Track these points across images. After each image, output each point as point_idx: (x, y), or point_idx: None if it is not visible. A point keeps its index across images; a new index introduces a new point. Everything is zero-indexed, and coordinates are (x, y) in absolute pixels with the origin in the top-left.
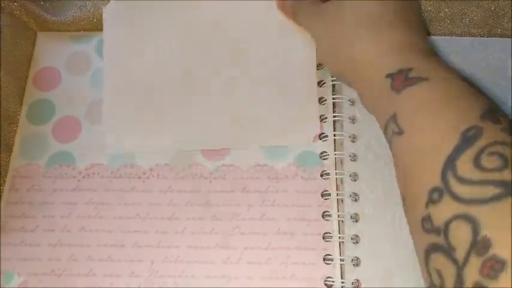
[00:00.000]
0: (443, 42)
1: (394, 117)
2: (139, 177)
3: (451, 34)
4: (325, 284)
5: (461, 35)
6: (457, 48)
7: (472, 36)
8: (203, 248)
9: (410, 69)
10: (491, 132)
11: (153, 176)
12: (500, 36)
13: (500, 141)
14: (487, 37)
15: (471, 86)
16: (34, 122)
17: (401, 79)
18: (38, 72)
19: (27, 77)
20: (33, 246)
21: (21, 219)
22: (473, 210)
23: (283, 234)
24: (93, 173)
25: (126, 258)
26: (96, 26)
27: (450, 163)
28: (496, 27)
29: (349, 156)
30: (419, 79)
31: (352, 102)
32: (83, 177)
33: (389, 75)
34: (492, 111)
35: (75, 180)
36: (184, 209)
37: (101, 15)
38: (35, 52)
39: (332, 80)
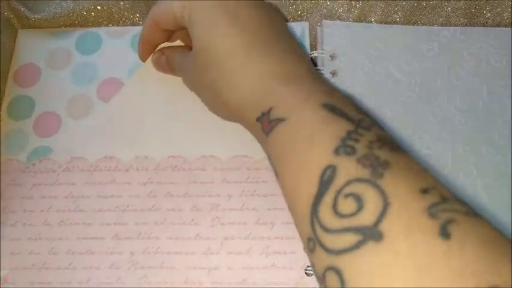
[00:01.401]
0: (425, 32)
1: (270, 159)
2: (119, 170)
3: (432, 24)
4: (306, 273)
5: (443, 25)
6: (438, 38)
7: (453, 25)
8: (183, 239)
9: (270, 110)
10: (346, 169)
11: (132, 168)
12: (482, 25)
13: (355, 178)
14: (468, 26)
15: (334, 111)
16: (15, 118)
17: (266, 122)
18: (18, 68)
19: (7, 73)
20: (14, 240)
21: (2, 214)
22: (339, 261)
23: (263, 224)
24: (73, 167)
25: (106, 251)
26: (75, 22)
27: (314, 212)
28: (477, 17)
29: None
30: (278, 121)
31: (334, 74)
32: (63, 171)
33: (258, 119)
34: (349, 137)
35: (55, 174)
36: (164, 200)
37: (80, 12)
38: (15, 49)
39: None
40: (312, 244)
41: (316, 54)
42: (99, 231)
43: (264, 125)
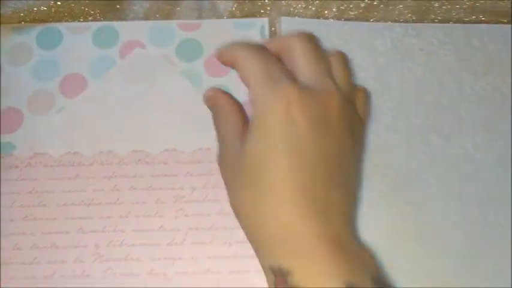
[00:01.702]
0: (377, 28)
1: None
2: (83, 165)
3: (386, 20)
4: None
5: (395, 21)
6: (391, 34)
7: (405, 22)
8: (148, 231)
9: (288, 273)
10: None
11: (96, 163)
12: (433, 21)
13: None
14: (419, 23)
15: None
16: None
17: (281, 282)
18: None
19: None
20: None
21: None
22: None
23: (226, 214)
24: (36, 163)
25: (71, 245)
26: (35, 17)
27: None
28: (427, 14)
29: None
30: None
31: None
32: (25, 166)
33: (272, 270)
34: None
35: (18, 170)
36: (128, 193)
37: (41, 7)
38: None
39: None
40: None
41: None
42: (64, 226)
43: (278, 282)
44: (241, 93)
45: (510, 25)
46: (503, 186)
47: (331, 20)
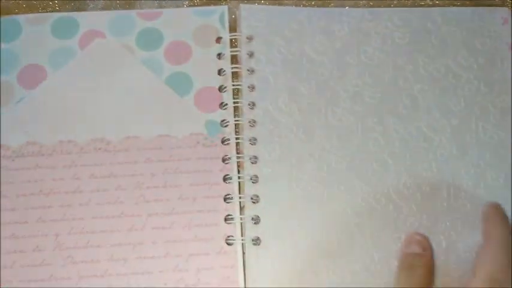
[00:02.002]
0: (334, 14)
1: None
2: (43, 155)
3: (343, 6)
4: (227, 243)
5: (352, 7)
6: (348, 19)
7: (362, 7)
8: (108, 218)
9: None
10: None
11: (56, 152)
12: (387, 7)
13: None
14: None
15: None
16: None
17: None
18: None
19: None
20: None
21: None
22: None
23: (186, 199)
24: None
25: (30, 234)
26: None
27: None
28: None
29: (248, 122)
30: None
31: (251, 71)
32: None
33: None
34: None
35: None
36: (88, 181)
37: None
38: None
39: (231, 51)
40: None
41: (235, 37)
42: (23, 216)
43: None
44: (201, 80)
45: (463, 8)
46: (457, 164)
47: (290, 7)
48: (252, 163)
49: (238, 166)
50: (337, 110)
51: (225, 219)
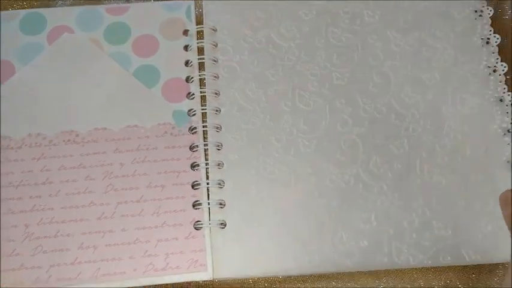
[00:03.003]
0: None
1: None
2: (12, 148)
3: None
4: (195, 228)
5: None
6: (316, 1)
7: None
8: (78, 207)
9: None
10: None
11: (25, 145)
12: None
13: None
14: None
15: None
16: None
17: None
18: None
19: None
20: None
21: None
22: None
23: (154, 187)
24: None
25: (1, 226)
26: None
27: None
28: None
29: (214, 110)
30: None
31: (216, 61)
32: None
33: None
34: None
35: None
36: (57, 173)
37: None
38: None
39: (197, 43)
40: None
41: (201, 29)
42: None
43: None
44: (168, 72)
45: None
46: (431, 139)
47: None
48: (218, 150)
49: (206, 154)
50: (304, 94)
51: (193, 205)
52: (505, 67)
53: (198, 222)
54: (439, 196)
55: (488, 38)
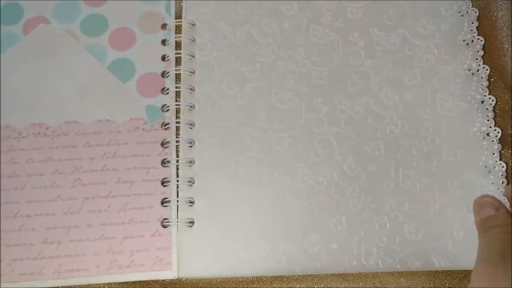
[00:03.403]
0: None
1: None
2: None
3: None
4: (162, 225)
5: None
6: None
7: None
8: (44, 202)
9: None
10: None
11: None
12: None
13: None
14: None
15: None
16: None
17: None
18: None
19: None
20: None
21: None
22: None
23: (123, 182)
24: None
25: None
26: None
27: None
28: None
29: (189, 106)
30: None
31: (192, 57)
32: None
33: None
34: None
35: None
36: (25, 166)
37: None
38: None
39: (175, 37)
40: None
41: (179, 23)
42: None
43: None
44: (143, 66)
45: None
46: (408, 142)
47: None
48: (190, 147)
49: (178, 150)
50: (281, 92)
51: (162, 202)
52: (487, 70)
53: (166, 220)
54: (412, 200)
55: (472, 41)
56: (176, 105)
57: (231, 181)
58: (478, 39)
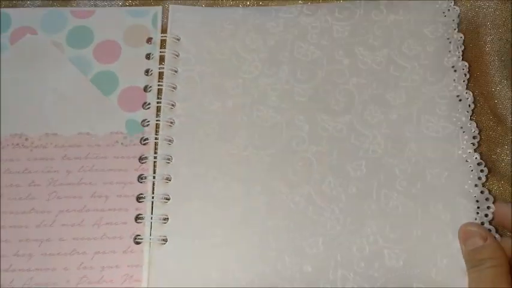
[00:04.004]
0: (271, 12)
1: None
2: None
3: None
4: (135, 242)
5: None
6: (285, 15)
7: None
8: (17, 213)
9: None
10: None
11: None
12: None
13: None
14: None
15: None
16: None
17: None
18: None
19: None
20: None
21: None
22: None
23: (98, 197)
24: None
25: None
26: None
27: None
28: None
29: (168, 122)
30: None
31: (175, 72)
32: None
33: None
34: None
35: None
36: (2, 176)
37: None
38: None
39: (160, 52)
40: None
41: (165, 37)
42: None
43: None
44: (127, 80)
45: None
46: (391, 162)
47: (226, 7)
48: (168, 163)
49: (155, 166)
50: (263, 108)
51: (136, 218)
52: (470, 95)
53: (139, 237)
54: (394, 223)
55: (459, 64)
56: (156, 120)
57: (206, 198)
58: (464, 63)
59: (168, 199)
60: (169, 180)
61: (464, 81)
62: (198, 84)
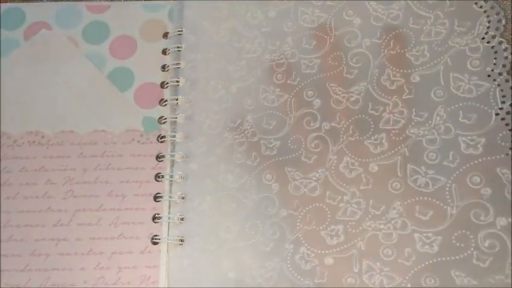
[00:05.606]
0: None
1: None
2: None
3: None
4: (152, 242)
5: None
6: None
7: None
8: (34, 212)
9: None
10: None
11: None
12: None
13: None
14: None
15: None
16: None
17: None
18: None
19: None
20: None
21: None
22: None
23: (115, 196)
24: None
25: None
26: None
27: None
28: None
29: (188, 119)
30: None
31: (193, 67)
32: None
33: None
34: None
35: None
36: (18, 175)
37: None
38: None
39: (177, 47)
40: None
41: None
42: None
43: None
44: (143, 76)
45: None
46: (414, 135)
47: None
48: (186, 161)
49: (172, 165)
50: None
51: (153, 218)
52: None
53: (156, 237)
54: (425, 203)
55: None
56: (172, 117)
57: (218, 193)
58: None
59: (186, 198)
60: (187, 178)
61: (498, 28)
62: (202, 73)
